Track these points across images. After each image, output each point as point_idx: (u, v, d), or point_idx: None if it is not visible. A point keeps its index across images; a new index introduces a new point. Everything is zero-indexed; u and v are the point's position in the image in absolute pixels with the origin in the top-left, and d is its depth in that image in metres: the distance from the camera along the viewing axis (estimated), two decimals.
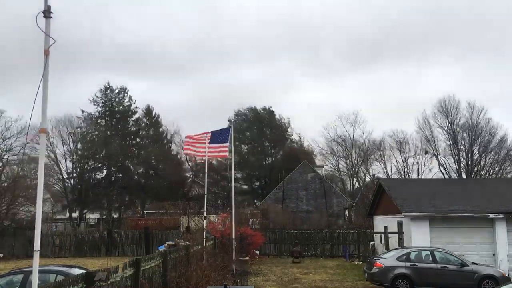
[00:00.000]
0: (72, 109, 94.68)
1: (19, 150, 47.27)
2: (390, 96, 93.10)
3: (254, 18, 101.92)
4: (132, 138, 63.05)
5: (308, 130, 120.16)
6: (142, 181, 60.89)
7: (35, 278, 6.04)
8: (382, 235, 27.63)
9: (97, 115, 60.63)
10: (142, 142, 63.62)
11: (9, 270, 13.69)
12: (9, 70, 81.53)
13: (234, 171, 24.50)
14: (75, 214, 57.41)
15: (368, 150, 62.15)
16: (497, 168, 54.96)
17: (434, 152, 57.69)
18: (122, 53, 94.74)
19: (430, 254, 17.54)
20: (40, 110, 6.18)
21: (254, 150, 67.80)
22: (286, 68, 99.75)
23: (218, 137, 19.58)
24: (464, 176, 54.14)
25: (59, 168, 56.31)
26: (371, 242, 29.57)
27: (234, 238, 20.75)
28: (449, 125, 56.93)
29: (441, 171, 57.18)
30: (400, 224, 24.05)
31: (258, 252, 28.43)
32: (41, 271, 6.98)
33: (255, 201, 61.31)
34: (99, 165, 60.28)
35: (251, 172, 67.23)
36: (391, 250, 20.81)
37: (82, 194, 56.58)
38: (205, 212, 21.12)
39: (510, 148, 54.60)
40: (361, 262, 26.00)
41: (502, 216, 21.55)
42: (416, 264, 17.00)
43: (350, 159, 62.97)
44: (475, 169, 55.29)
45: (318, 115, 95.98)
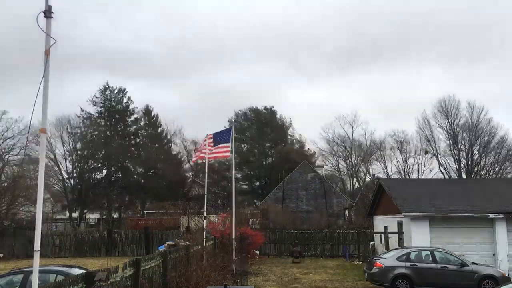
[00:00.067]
0: (71, 109, 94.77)
1: (20, 151, 47.28)
2: (391, 96, 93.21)
3: (254, 18, 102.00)
4: (131, 138, 63.09)
5: (308, 130, 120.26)
6: (142, 181, 60.89)
7: (35, 278, 6.03)
8: (382, 235, 27.63)
9: (96, 115, 60.73)
10: (142, 142, 63.64)
11: (9, 270, 13.68)
12: (10, 70, 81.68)
13: (234, 171, 24.52)
14: (75, 214, 57.40)
15: (368, 150, 62.13)
16: (497, 168, 54.97)
17: (434, 152, 57.71)
18: (122, 53, 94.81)
19: (430, 254, 17.54)
20: (40, 110, 6.17)
21: (254, 150, 67.74)
22: (286, 68, 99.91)
23: (219, 138, 19.67)
24: (464, 176, 54.11)
25: (59, 168, 56.39)
26: (371, 242, 29.56)
27: (234, 238, 20.75)
28: (449, 125, 56.93)
29: (441, 171, 57.23)
30: (400, 224, 24.05)
31: (258, 252, 28.42)
32: (41, 271, 6.97)
33: (255, 201, 61.27)
34: (99, 165, 60.35)
35: (251, 172, 67.21)
36: (391, 250, 20.81)
37: (82, 194, 56.59)
38: (205, 212, 21.15)
39: (510, 148, 54.61)
40: (361, 262, 25.99)
41: (502, 216, 21.56)
42: (416, 264, 17.00)
43: (350, 159, 62.98)
44: (475, 169, 55.28)
45: (318, 115, 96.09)
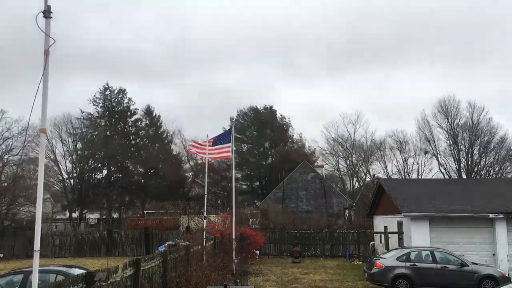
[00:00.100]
0: (71, 109, 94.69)
1: (19, 150, 47.28)
2: (391, 96, 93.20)
3: (254, 18, 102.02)
4: (132, 138, 63.06)
5: (308, 130, 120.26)
6: (142, 181, 60.88)
7: (35, 278, 6.03)
8: (382, 235, 27.62)
9: (96, 115, 60.71)
10: (142, 142, 63.59)
11: (9, 270, 13.68)
12: (9, 70, 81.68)
13: (234, 171, 24.52)
14: (75, 214, 57.40)
15: (368, 150, 62.10)
16: (497, 168, 54.96)
17: (434, 152, 57.69)
18: (122, 53, 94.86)
19: (430, 254, 17.54)
20: (40, 110, 6.17)
21: (254, 150, 67.70)
22: (286, 68, 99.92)
23: (220, 139, 19.70)
24: (464, 176, 54.08)
25: (59, 168, 56.40)
26: (371, 242, 29.56)
27: (234, 238, 20.75)
28: (449, 125, 56.90)
29: (441, 171, 57.21)
30: (400, 224, 24.04)
31: (258, 252, 28.42)
32: (41, 271, 6.98)
33: (255, 201, 61.23)
34: (99, 165, 60.33)
35: (251, 172, 67.17)
36: (391, 250, 20.81)
37: (82, 194, 56.58)
38: (205, 212, 21.14)
39: (510, 148, 54.61)
40: (361, 262, 25.99)
41: (502, 216, 21.56)
42: (416, 264, 17.00)
43: (350, 159, 62.95)
44: (475, 169, 55.26)
45: (317, 116, 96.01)
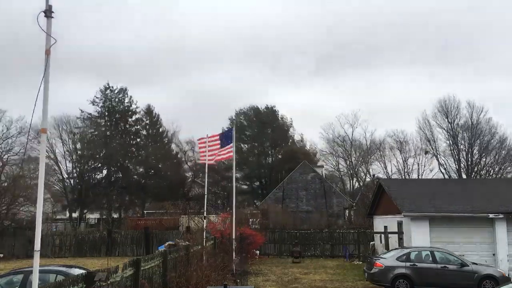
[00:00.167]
0: (72, 109, 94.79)
1: (19, 150, 47.28)
2: (391, 96, 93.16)
3: (254, 18, 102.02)
4: (132, 138, 63.05)
5: (308, 130, 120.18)
6: (142, 181, 60.90)
7: (35, 278, 6.03)
8: (382, 235, 27.62)
9: (96, 115, 60.71)
10: (142, 142, 63.60)
11: (9, 270, 13.68)
12: (10, 70, 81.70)
13: (234, 171, 24.54)
14: (75, 214, 57.40)
15: (368, 150, 62.07)
16: (497, 168, 54.94)
17: (434, 152, 57.68)
18: (122, 53, 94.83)
19: (430, 254, 17.55)
20: (40, 110, 6.17)
21: (255, 150, 67.70)
22: (287, 67, 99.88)
23: (225, 139, 19.82)
24: (464, 176, 54.07)
25: (59, 168, 56.41)
26: (371, 242, 29.56)
27: (234, 238, 20.75)
28: (449, 125, 56.90)
29: (441, 171, 57.19)
30: (400, 224, 24.04)
31: (258, 252, 28.42)
32: (41, 271, 6.96)
33: (255, 201, 61.26)
34: (99, 165, 60.31)
35: (251, 172, 67.18)
36: (391, 250, 20.81)
37: (82, 194, 56.59)
38: (205, 212, 21.14)
39: (510, 148, 54.58)
40: (361, 262, 25.99)
41: (502, 216, 21.56)
42: (416, 264, 17.00)
43: (350, 159, 62.93)
44: (475, 169, 55.25)
45: (318, 115, 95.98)
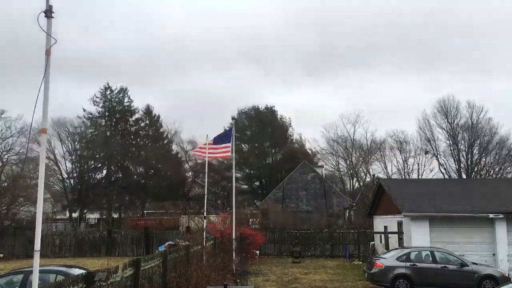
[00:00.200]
0: (72, 109, 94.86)
1: (19, 150, 47.30)
2: (391, 96, 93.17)
3: (254, 18, 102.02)
4: (132, 138, 63.06)
5: (307, 130, 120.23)
6: (142, 181, 60.90)
7: (35, 278, 6.03)
8: (382, 235, 27.63)
9: (96, 115, 60.72)
10: (142, 142, 63.61)
11: (9, 270, 13.68)
12: (10, 70, 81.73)
13: (234, 171, 24.56)
14: (75, 214, 57.40)
15: (368, 150, 62.06)
16: (497, 168, 54.94)
17: (434, 152, 57.69)
18: (122, 53, 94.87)
19: (430, 254, 17.55)
20: (41, 110, 6.16)
21: (255, 150, 67.72)
22: (287, 67, 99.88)
23: (220, 139, 19.77)
24: (464, 176, 54.09)
25: (59, 168, 56.40)
26: (371, 242, 29.56)
27: (234, 238, 20.75)
28: (449, 125, 56.92)
29: (441, 171, 57.19)
30: (400, 224, 24.05)
31: (258, 252, 28.43)
32: (41, 271, 6.96)
33: (255, 201, 61.26)
34: (99, 165, 60.34)
35: (251, 172, 67.19)
36: (391, 250, 20.81)
37: (82, 194, 56.60)
38: (205, 212, 21.14)
39: (510, 148, 54.57)
40: (361, 262, 25.99)
41: (502, 216, 21.56)
42: (416, 264, 17.00)
43: (350, 159, 62.92)
44: (475, 169, 55.26)
45: (318, 115, 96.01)
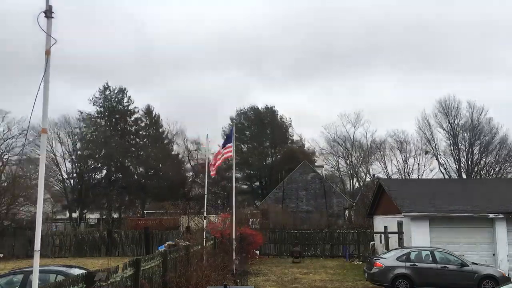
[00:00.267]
0: (72, 109, 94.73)
1: (20, 151, 47.30)
2: (391, 96, 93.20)
3: (255, 18, 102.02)
4: (132, 138, 63.06)
5: (308, 130, 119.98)
6: (142, 181, 60.87)
7: (35, 278, 6.03)
8: (382, 235, 27.63)
9: (96, 115, 60.71)
10: (142, 142, 63.61)
11: (9, 270, 13.68)
12: (14, 70, 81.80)
13: (234, 171, 24.58)
14: (75, 214, 57.38)
15: (368, 150, 62.06)
16: (497, 168, 54.96)
17: (434, 152, 57.69)
18: (122, 52, 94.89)
19: (430, 254, 17.54)
20: (41, 110, 6.16)
21: (255, 150, 67.69)
22: (288, 67, 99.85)
23: (225, 142, 20.11)
24: (464, 176, 54.10)
25: (59, 168, 56.40)
26: (371, 242, 29.57)
27: (234, 238, 20.76)
28: (449, 125, 56.94)
29: (441, 171, 57.22)
30: (400, 224, 24.05)
31: (258, 252, 28.43)
32: (41, 271, 6.95)
33: (255, 201, 61.22)
34: (99, 165, 60.32)
35: (251, 172, 67.16)
36: (391, 250, 20.81)
37: (82, 194, 56.59)
38: (205, 212, 21.15)
39: (510, 148, 54.57)
40: (361, 262, 25.99)
41: (502, 216, 21.57)
42: (416, 264, 17.00)
43: (350, 159, 62.92)
44: (475, 169, 55.27)
45: (318, 115, 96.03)
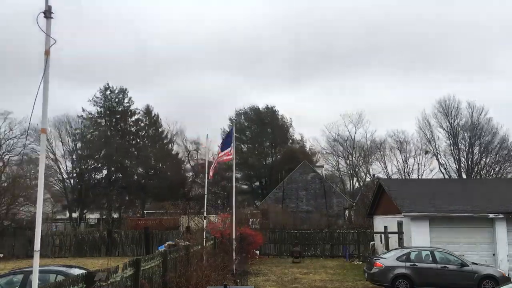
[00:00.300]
0: (72, 109, 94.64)
1: (20, 151, 47.27)
2: (392, 96, 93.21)
3: (255, 18, 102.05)
4: (132, 138, 63.08)
5: (308, 130, 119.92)
6: (142, 181, 60.88)
7: (35, 278, 6.03)
8: (382, 235, 27.63)
9: (96, 115, 60.73)
10: (142, 142, 63.62)
11: (9, 270, 13.69)
12: (15, 70, 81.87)
13: (234, 171, 24.58)
14: (75, 214, 57.39)
15: (368, 150, 62.05)
16: (497, 168, 54.95)
17: (435, 152, 57.69)
18: (122, 52, 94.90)
19: (430, 254, 17.55)
20: (40, 110, 6.16)
21: (255, 150, 67.67)
22: (289, 67, 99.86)
23: (225, 143, 19.97)
24: (464, 176, 54.09)
25: (59, 168, 56.41)
26: (371, 242, 29.57)
27: (234, 238, 20.76)
28: (449, 125, 56.93)
29: (441, 171, 57.20)
30: (400, 224, 24.05)
31: (258, 252, 28.43)
32: (41, 271, 6.96)
33: (255, 201, 61.23)
34: (99, 165, 60.34)
35: (251, 172, 67.14)
36: (391, 250, 20.82)
37: (82, 194, 56.58)
38: (205, 212, 21.14)
39: (510, 148, 54.57)
40: (361, 262, 26.00)
41: (502, 216, 21.57)
42: (416, 264, 17.00)
43: (351, 159, 62.92)
44: (475, 169, 55.26)
45: (318, 115, 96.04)
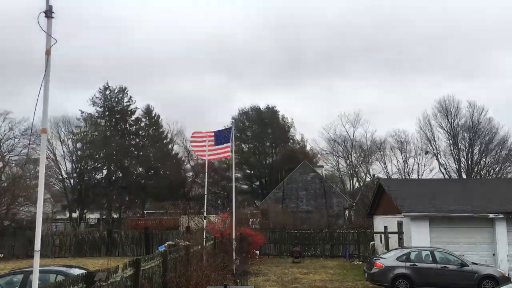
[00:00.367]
0: (72, 109, 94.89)
1: (21, 151, 47.28)
2: (391, 96, 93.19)
3: (255, 18, 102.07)
4: (132, 138, 63.05)
5: (308, 130, 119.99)
6: (142, 181, 60.88)
7: (35, 278, 6.03)
8: (382, 235, 27.64)
9: (96, 115, 60.70)
10: (142, 142, 63.59)
11: (9, 270, 13.69)
12: (16, 70, 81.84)
13: (234, 171, 24.57)
14: (75, 214, 57.40)
15: (368, 150, 62.07)
16: (497, 168, 54.96)
17: (435, 152, 57.71)
18: (122, 53, 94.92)
19: (430, 254, 17.55)
20: (41, 110, 6.16)
21: (255, 150, 67.70)
22: (287, 67, 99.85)
23: (221, 138, 19.51)
24: (464, 176, 54.11)
25: (59, 168, 56.40)
26: (371, 242, 29.58)
27: (234, 238, 20.76)
28: (449, 125, 56.95)
29: (441, 171, 57.23)
30: (400, 224, 24.05)
31: (258, 252, 28.44)
32: (41, 271, 6.95)
33: (255, 201, 61.27)
34: (99, 165, 60.29)
35: (251, 172, 67.17)
36: (391, 250, 20.82)
37: (82, 194, 56.58)
38: (205, 212, 21.11)
39: (510, 148, 54.59)
40: (361, 262, 26.00)
41: (502, 216, 21.57)
42: (416, 264, 17.01)
43: (350, 159, 62.94)
44: (475, 169, 55.27)
45: (318, 115, 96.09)
